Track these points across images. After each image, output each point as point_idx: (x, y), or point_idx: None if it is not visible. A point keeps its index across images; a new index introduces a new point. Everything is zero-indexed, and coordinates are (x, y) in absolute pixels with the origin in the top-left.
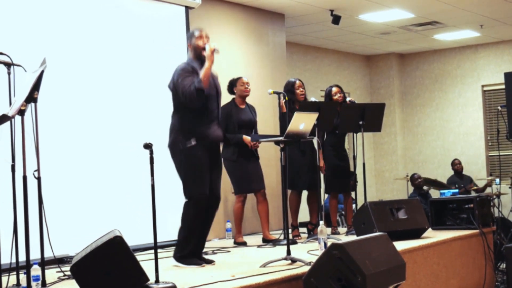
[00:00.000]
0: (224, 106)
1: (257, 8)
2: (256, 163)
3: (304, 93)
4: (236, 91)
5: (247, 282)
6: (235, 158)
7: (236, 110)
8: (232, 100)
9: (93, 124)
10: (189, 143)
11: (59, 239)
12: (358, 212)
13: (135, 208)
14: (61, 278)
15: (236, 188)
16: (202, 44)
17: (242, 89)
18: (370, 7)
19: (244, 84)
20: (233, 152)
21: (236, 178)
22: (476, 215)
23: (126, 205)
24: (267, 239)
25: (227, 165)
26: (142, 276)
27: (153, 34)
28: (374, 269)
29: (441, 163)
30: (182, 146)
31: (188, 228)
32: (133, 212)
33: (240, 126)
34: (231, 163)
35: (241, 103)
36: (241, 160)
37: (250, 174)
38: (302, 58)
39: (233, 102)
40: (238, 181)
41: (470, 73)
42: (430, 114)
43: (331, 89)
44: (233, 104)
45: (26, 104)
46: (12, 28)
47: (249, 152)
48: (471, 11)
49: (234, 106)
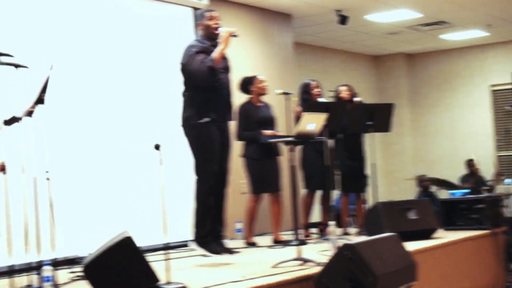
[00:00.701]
0: (243, 105)
1: (264, 8)
2: (276, 163)
3: (321, 92)
4: (254, 90)
5: (258, 283)
6: (257, 157)
7: (254, 108)
8: (249, 99)
9: (103, 125)
10: (201, 119)
11: (70, 240)
12: (368, 213)
13: (145, 209)
14: (73, 278)
15: (252, 187)
16: (213, 25)
17: (261, 86)
18: (378, 7)
19: (261, 82)
20: (255, 150)
21: (255, 178)
22: (487, 215)
23: (136, 206)
24: (277, 240)
25: (248, 163)
26: (153, 277)
27: (160, 35)
28: (385, 269)
29: (450, 163)
30: (193, 123)
31: (203, 205)
32: (144, 213)
33: (260, 124)
34: (253, 161)
35: (258, 101)
36: (264, 159)
37: (269, 175)
38: (309, 59)
39: (249, 101)
40: (256, 181)
41: (478, 73)
42: (438, 114)
43: (338, 89)
44: (250, 103)
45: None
46: (19, 30)
47: (272, 150)
48: (479, 11)
49: (251, 104)
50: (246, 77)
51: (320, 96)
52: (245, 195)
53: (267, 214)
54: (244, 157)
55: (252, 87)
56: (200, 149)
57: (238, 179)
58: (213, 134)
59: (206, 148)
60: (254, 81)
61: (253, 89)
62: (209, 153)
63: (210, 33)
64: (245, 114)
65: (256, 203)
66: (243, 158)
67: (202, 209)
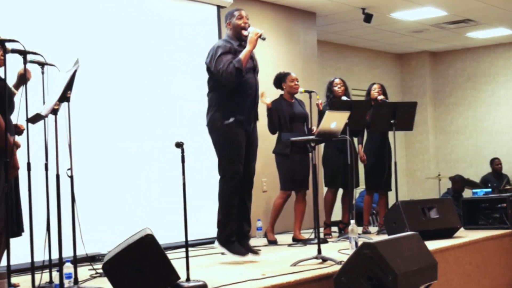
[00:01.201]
0: (274, 101)
1: (288, 6)
2: (307, 160)
3: (343, 90)
4: (285, 87)
5: (278, 281)
6: (288, 153)
7: (286, 104)
8: (281, 96)
9: (125, 123)
10: (227, 120)
11: (91, 237)
12: (389, 211)
13: (166, 207)
14: (93, 275)
15: (282, 184)
16: (242, 24)
17: (292, 85)
18: (402, 5)
19: (294, 81)
20: (286, 146)
21: (285, 174)
22: (509, 214)
23: (157, 204)
24: (297, 239)
25: (278, 160)
26: (173, 275)
27: (185, 34)
28: (406, 268)
29: (473, 162)
30: (219, 124)
31: (226, 205)
32: (165, 210)
33: (292, 120)
34: (283, 157)
35: (290, 98)
36: (294, 156)
37: (299, 172)
38: (333, 57)
39: (281, 98)
40: (286, 177)
41: (503, 71)
42: (462, 112)
43: (370, 86)
44: (283, 99)
45: (59, 104)
46: (46, 28)
47: (303, 147)
48: (505, 9)
49: (283, 100)
50: (281, 73)
51: (343, 93)
52: (266, 193)
53: (288, 212)
54: (276, 154)
55: (284, 85)
56: (225, 149)
57: (260, 177)
58: (238, 135)
59: (231, 149)
60: (287, 78)
61: (285, 86)
62: (234, 154)
63: (238, 32)
64: (276, 110)
65: (283, 199)
66: (275, 154)
67: (225, 209)
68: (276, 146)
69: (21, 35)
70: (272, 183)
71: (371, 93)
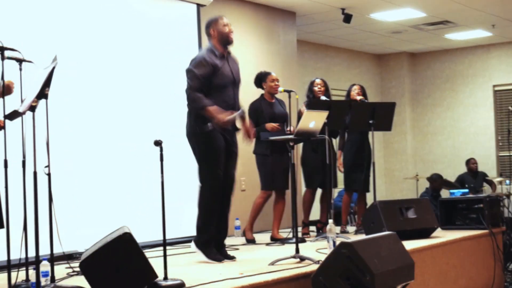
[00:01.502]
0: (254, 102)
1: (268, 6)
2: (287, 160)
3: (323, 90)
4: (265, 87)
5: (256, 280)
6: (269, 153)
7: (266, 104)
8: (261, 95)
9: (103, 121)
10: (205, 127)
11: (68, 235)
12: (367, 211)
13: (144, 205)
14: (70, 274)
15: (263, 183)
16: (228, 30)
17: (272, 85)
18: (382, 5)
19: (274, 81)
20: (267, 147)
21: (265, 174)
22: (485, 215)
23: (135, 202)
24: (275, 238)
25: (259, 160)
26: (151, 273)
27: (164, 32)
28: (383, 268)
29: (451, 163)
30: (198, 130)
31: (205, 212)
32: (143, 209)
33: (272, 120)
34: (264, 157)
35: (270, 98)
36: (275, 155)
37: (280, 172)
38: (313, 57)
39: (262, 98)
40: (266, 177)
41: (481, 73)
42: (440, 113)
43: (351, 87)
44: (263, 99)
45: (37, 101)
46: (24, 25)
47: (283, 147)
48: (483, 11)
49: (263, 100)
50: (261, 73)
51: (323, 94)
52: (245, 193)
53: (267, 211)
54: (256, 154)
55: (264, 84)
56: (204, 155)
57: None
58: (217, 139)
59: (210, 154)
60: (267, 78)
61: (265, 86)
62: (213, 159)
63: (225, 38)
64: (256, 110)
65: (264, 199)
66: (255, 154)
67: (205, 215)
68: (256, 146)
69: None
70: (250, 182)
71: (351, 94)
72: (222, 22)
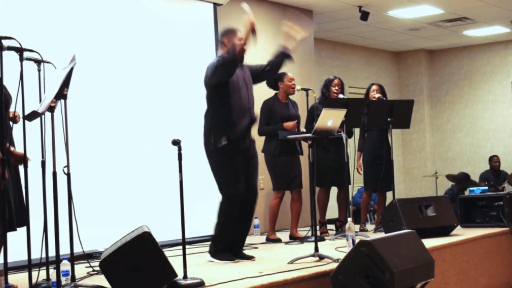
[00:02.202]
0: (267, 101)
1: (284, 4)
2: (298, 160)
3: (339, 92)
4: (282, 87)
5: (275, 279)
6: (278, 154)
7: (279, 104)
8: (275, 95)
9: (123, 120)
10: (219, 143)
11: (88, 235)
12: (386, 209)
13: (163, 204)
14: (90, 273)
15: (275, 184)
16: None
17: (290, 85)
18: (399, 3)
19: (291, 80)
20: (276, 147)
21: (276, 174)
22: (506, 212)
23: (154, 201)
24: (294, 237)
25: (269, 160)
26: (171, 272)
27: (181, 32)
28: (403, 266)
29: (470, 161)
30: (213, 147)
31: (222, 223)
32: (162, 208)
33: (283, 121)
34: (273, 158)
35: (284, 99)
36: (284, 156)
37: (291, 171)
38: (330, 55)
39: (276, 97)
40: (278, 177)
41: (500, 70)
42: (459, 111)
43: (370, 87)
44: (276, 99)
45: (56, 101)
46: (43, 26)
47: (292, 147)
48: (501, 7)
49: (277, 100)
50: None
51: (337, 95)
52: (263, 191)
53: (285, 210)
54: (265, 153)
55: (281, 84)
56: (221, 173)
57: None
58: (233, 156)
59: (227, 171)
60: (284, 77)
61: (281, 86)
62: (231, 176)
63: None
64: (269, 109)
65: (279, 199)
66: (264, 153)
67: (221, 227)
68: (265, 146)
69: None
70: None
71: (369, 94)
72: (239, 35)
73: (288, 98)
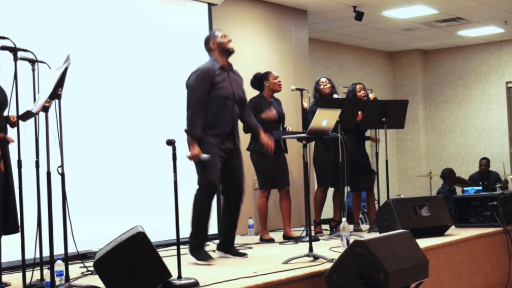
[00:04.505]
0: (252, 99)
1: (279, 4)
2: (283, 158)
3: (330, 87)
4: (268, 85)
5: (270, 279)
6: (264, 152)
7: (265, 102)
8: (261, 93)
9: (117, 121)
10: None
11: (82, 235)
12: (380, 209)
13: (158, 204)
14: (84, 273)
15: (261, 183)
16: (226, 41)
17: (276, 82)
18: (393, 3)
19: (276, 78)
20: (262, 145)
21: (262, 173)
22: (500, 212)
23: (149, 201)
24: (288, 236)
25: (254, 159)
26: (165, 272)
27: (175, 32)
28: (397, 266)
29: (464, 160)
30: None
31: (197, 217)
32: (156, 208)
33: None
34: (259, 156)
35: (269, 97)
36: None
37: (277, 170)
38: (325, 55)
39: (261, 96)
40: (264, 176)
41: (494, 70)
42: (453, 111)
43: (355, 86)
44: (262, 97)
45: (50, 101)
46: (37, 26)
47: (277, 145)
48: (495, 7)
49: (263, 98)
50: (259, 73)
51: (330, 91)
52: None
53: (278, 210)
54: (250, 151)
55: (267, 83)
56: (199, 165)
57: (251, 175)
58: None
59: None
60: (269, 76)
61: (267, 84)
62: (209, 165)
63: (224, 49)
64: (255, 107)
65: (265, 198)
66: (249, 152)
67: (196, 221)
68: (250, 144)
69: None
70: None
71: (357, 93)
72: (219, 34)
73: (273, 97)
